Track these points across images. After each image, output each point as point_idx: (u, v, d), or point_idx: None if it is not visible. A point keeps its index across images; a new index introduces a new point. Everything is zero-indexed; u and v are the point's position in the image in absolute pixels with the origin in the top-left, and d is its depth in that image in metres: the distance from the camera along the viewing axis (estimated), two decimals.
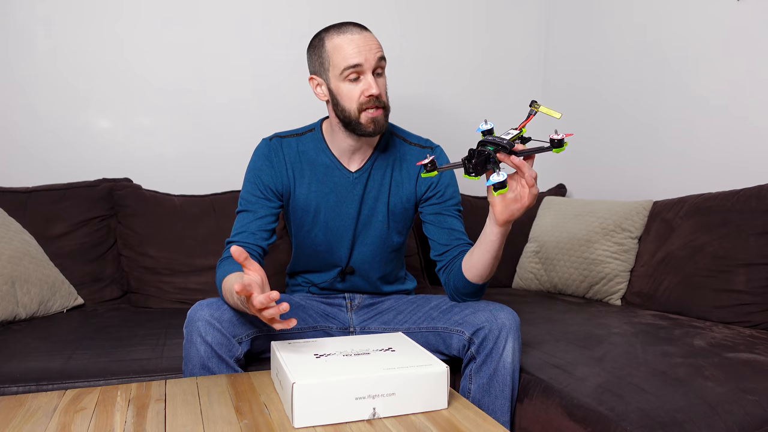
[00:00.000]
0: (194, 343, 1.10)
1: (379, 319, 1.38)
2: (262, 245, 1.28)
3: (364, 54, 1.21)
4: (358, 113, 1.24)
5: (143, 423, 0.88)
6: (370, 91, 1.21)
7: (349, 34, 1.23)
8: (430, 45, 2.33)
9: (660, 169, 1.98)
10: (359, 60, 1.21)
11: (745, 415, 0.99)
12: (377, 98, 1.23)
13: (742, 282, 1.47)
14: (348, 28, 1.24)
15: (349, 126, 1.26)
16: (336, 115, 1.27)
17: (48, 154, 1.95)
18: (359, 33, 1.23)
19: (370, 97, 1.22)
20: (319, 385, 0.87)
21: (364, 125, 1.24)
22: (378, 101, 1.23)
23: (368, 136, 1.26)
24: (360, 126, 1.25)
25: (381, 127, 1.25)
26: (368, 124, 1.24)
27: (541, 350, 1.30)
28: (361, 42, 1.22)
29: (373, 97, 1.22)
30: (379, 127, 1.25)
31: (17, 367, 1.20)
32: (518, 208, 1.08)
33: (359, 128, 1.25)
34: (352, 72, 1.22)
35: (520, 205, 1.08)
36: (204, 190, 2.04)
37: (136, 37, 2.01)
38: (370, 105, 1.23)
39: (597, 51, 2.23)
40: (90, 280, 1.78)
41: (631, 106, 2.09)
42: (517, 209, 1.08)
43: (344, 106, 1.25)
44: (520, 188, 1.07)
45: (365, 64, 1.21)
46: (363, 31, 1.24)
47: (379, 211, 1.36)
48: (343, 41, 1.22)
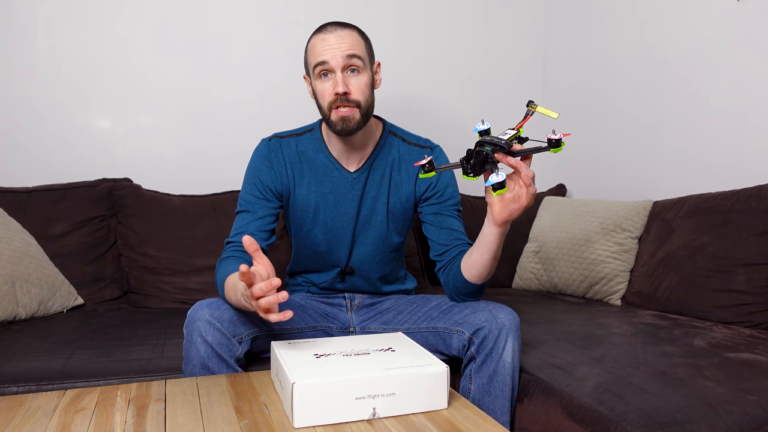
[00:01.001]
0: (194, 342, 1.10)
1: (379, 319, 1.38)
2: (261, 246, 1.28)
3: (331, 52, 1.22)
4: (328, 111, 1.25)
5: (143, 423, 0.88)
6: (336, 89, 1.22)
7: (323, 33, 1.24)
8: (429, 45, 2.33)
9: (660, 169, 1.98)
10: (325, 57, 1.22)
11: (745, 415, 0.99)
12: (345, 96, 1.22)
13: (742, 282, 1.47)
14: (326, 27, 1.25)
15: (327, 123, 1.28)
16: (320, 113, 1.30)
17: (48, 154, 1.95)
18: (333, 32, 1.23)
19: (337, 95, 1.22)
20: (319, 385, 0.87)
21: (334, 123, 1.25)
22: (347, 99, 1.23)
23: (338, 134, 1.27)
24: (331, 123, 1.26)
25: (353, 126, 1.25)
26: (337, 121, 1.25)
27: (541, 350, 1.30)
28: (332, 40, 1.22)
29: (340, 95, 1.22)
30: (350, 125, 1.24)
31: (17, 367, 1.20)
32: (516, 208, 1.08)
33: (332, 126, 1.26)
34: (322, 70, 1.23)
35: (518, 206, 1.08)
36: (204, 190, 2.05)
37: (136, 37, 2.01)
38: (339, 103, 1.23)
39: (597, 51, 2.23)
40: (90, 280, 1.78)
41: (631, 106, 2.09)
42: (516, 209, 1.08)
43: (320, 104, 1.27)
44: (518, 188, 1.07)
45: (332, 62, 1.22)
46: (338, 29, 1.24)
47: (379, 211, 1.36)
48: (316, 40, 1.24)
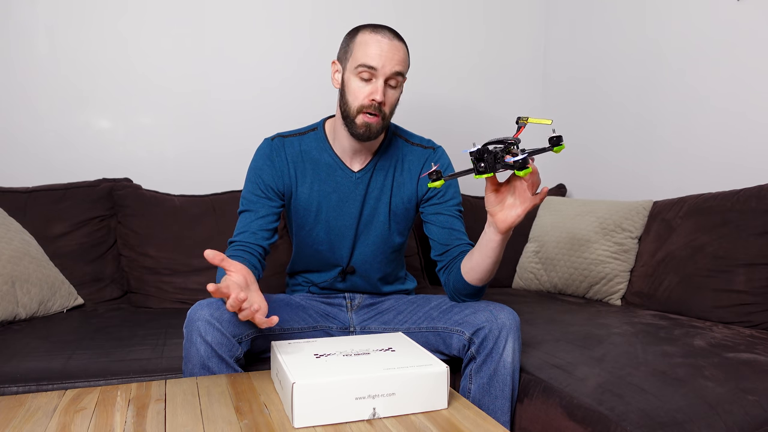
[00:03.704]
0: (194, 342, 1.10)
1: (379, 319, 1.38)
2: (263, 245, 1.28)
3: (383, 59, 1.21)
4: (356, 112, 1.25)
5: (143, 423, 0.88)
6: (374, 96, 1.22)
7: (379, 36, 1.23)
8: (427, 42, 2.33)
9: (660, 168, 1.99)
10: (376, 63, 1.21)
11: (745, 415, 0.99)
12: (379, 106, 1.23)
13: (742, 282, 1.47)
14: (383, 31, 1.24)
15: (346, 120, 1.27)
16: (340, 106, 1.29)
17: (48, 154, 1.95)
18: (389, 40, 1.23)
19: (372, 102, 1.23)
20: (319, 385, 0.87)
21: (358, 126, 1.25)
22: (378, 109, 1.24)
23: (357, 138, 1.27)
24: (354, 125, 1.26)
25: (373, 134, 1.26)
26: (361, 126, 1.25)
27: (541, 350, 1.30)
28: (387, 48, 1.22)
29: (375, 103, 1.23)
30: (371, 133, 1.25)
31: (17, 367, 1.20)
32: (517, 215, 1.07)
33: (352, 127, 1.26)
34: (365, 71, 1.22)
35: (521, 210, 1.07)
36: (204, 190, 2.05)
37: (136, 37, 2.01)
38: (370, 109, 1.23)
39: (597, 50, 2.23)
40: (90, 280, 1.78)
41: (631, 106, 2.09)
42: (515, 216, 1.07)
43: (347, 100, 1.26)
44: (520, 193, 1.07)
45: (380, 70, 1.22)
46: (394, 40, 1.24)
47: (381, 211, 1.36)
48: (371, 40, 1.23)
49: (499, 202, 1.09)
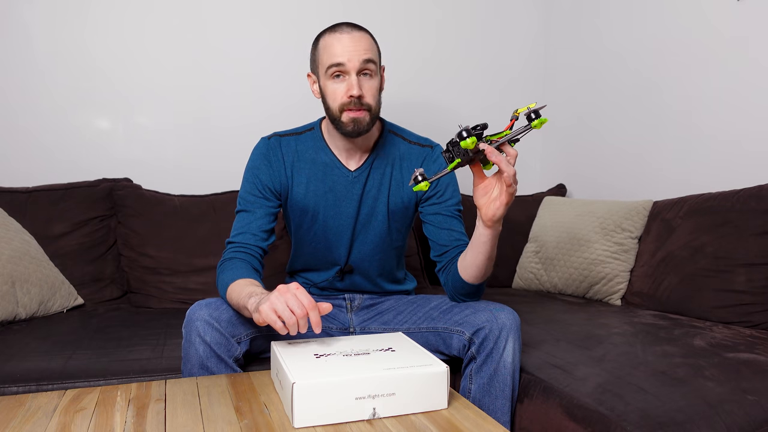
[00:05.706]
0: (193, 342, 1.10)
1: (379, 320, 1.38)
2: (262, 246, 1.28)
3: (348, 54, 1.22)
4: (339, 112, 1.25)
5: (143, 423, 0.88)
6: (351, 92, 1.22)
7: (338, 33, 1.24)
8: (428, 43, 2.33)
9: (660, 168, 1.98)
10: (342, 59, 1.22)
11: (745, 415, 0.99)
12: (359, 99, 1.23)
13: (742, 282, 1.47)
14: (340, 27, 1.25)
15: (334, 123, 1.28)
16: (326, 113, 1.30)
17: (48, 154, 1.95)
18: (349, 33, 1.24)
19: (351, 98, 1.23)
20: (319, 385, 0.87)
21: (345, 124, 1.25)
22: (360, 102, 1.23)
23: (348, 135, 1.28)
24: (341, 124, 1.26)
25: (362, 128, 1.26)
26: (348, 123, 1.25)
27: (541, 350, 1.30)
28: (348, 42, 1.22)
29: (354, 98, 1.23)
30: (360, 127, 1.25)
31: (17, 367, 1.20)
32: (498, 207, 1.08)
33: (340, 127, 1.26)
34: (336, 71, 1.23)
35: (499, 203, 1.07)
36: (204, 190, 2.05)
37: (136, 38, 2.01)
38: (351, 105, 1.23)
39: (597, 50, 2.23)
40: (90, 280, 1.78)
41: (631, 106, 2.09)
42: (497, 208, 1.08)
43: (329, 105, 1.27)
44: (498, 186, 1.07)
45: (348, 64, 1.22)
46: (354, 31, 1.24)
47: (380, 210, 1.36)
48: (332, 40, 1.24)
49: (484, 194, 1.09)
